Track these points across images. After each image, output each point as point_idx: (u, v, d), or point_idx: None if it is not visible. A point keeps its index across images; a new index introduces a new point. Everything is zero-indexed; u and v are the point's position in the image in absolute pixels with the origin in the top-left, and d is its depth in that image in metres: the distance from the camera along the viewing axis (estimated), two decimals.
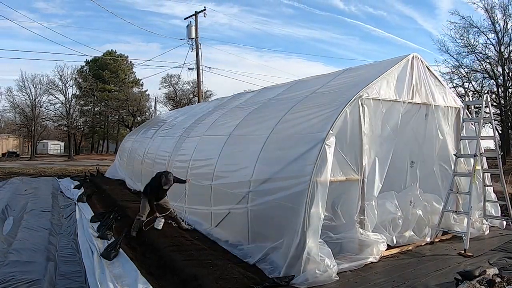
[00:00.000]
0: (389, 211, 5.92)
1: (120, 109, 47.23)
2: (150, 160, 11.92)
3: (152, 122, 17.88)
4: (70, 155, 41.99)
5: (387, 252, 5.63)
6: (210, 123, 9.26)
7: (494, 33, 23.82)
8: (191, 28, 23.59)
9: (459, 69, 25.21)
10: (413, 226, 6.17)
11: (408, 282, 4.67)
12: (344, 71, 7.34)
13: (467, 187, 6.34)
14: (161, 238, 6.30)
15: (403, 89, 6.14)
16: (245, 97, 10.24)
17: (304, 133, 5.57)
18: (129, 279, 4.82)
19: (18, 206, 9.67)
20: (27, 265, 5.13)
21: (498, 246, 6.13)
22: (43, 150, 56.90)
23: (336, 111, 5.34)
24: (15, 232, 7.05)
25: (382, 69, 6.15)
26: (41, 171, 22.28)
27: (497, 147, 6.93)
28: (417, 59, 6.39)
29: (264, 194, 5.50)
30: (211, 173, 7.18)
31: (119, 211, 8.24)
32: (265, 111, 7.46)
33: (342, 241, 5.36)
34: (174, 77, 46.23)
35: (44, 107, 42.07)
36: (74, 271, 5.27)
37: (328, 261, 4.68)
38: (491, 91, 24.18)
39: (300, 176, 4.97)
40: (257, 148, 6.14)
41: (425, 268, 5.15)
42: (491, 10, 23.45)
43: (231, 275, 4.66)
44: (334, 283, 4.60)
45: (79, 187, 12.65)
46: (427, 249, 6.02)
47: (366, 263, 5.19)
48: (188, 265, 5.07)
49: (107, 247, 5.73)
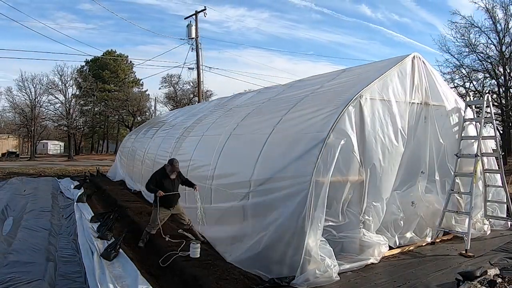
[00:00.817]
0: (391, 212, 5.90)
1: (120, 109, 47.19)
2: (150, 160, 11.90)
3: (152, 122, 17.88)
4: (70, 155, 41.94)
5: (388, 253, 5.63)
6: (210, 123, 9.25)
7: (495, 33, 23.78)
8: (191, 28, 23.47)
9: (460, 69, 25.17)
10: (414, 227, 6.15)
11: (409, 282, 4.66)
12: (344, 70, 7.32)
13: (468, 187, 6.32)
14: (161, 238, 6.28)
15: (404, 89, 6.12)
16: (245, 97, 10.23)
17: (304, 133, 5.55)
18: (129, 279, 4.81)
19: (17, 206, 9.65)
20: (27, 265, 5.11)
21: (499, 246, 6.12)
22: (43, 150, 56.85)
23: (337, 111, 5.31)
24: (14, 233, 7.03)
25: (383, 68, 6.13)
26: (41, 171, 22.26)
27: (498, 147, 6.92)
28: (418, 59, 6.37)
29: (265, 194, 5.48)
30: (211, 173, 7.16)
31: (119, 211, 8.23)
32: (265, 111, 7.44)
33: (343, 241, 5.35)
34: (174, 77, 46.30)
35: (44, 107, 42.04)
36: (74, 272, 5.25)
37: (328, 261, 4.67)
38: (492, 91, 24.09)
39: (301, 176, 4.95)
40: (257, 148, 6.11)
41: (426, 268, 5.15)
42: (492, 9, 23.43)
43: (232, 276, 4.66)
44: (335, 283, 4.59)
45: (79, 187, 12.64)
46: (428, 250, 6.01)
47: (367, 263, 5.18)
48: (188, 265, 5.06)
49: (107, 248, 5.71)
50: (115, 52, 51.59)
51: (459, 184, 6.60)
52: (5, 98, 49.96)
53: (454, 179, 6.40)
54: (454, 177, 6.41)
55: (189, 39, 23.64)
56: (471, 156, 6.43)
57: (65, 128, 44.27)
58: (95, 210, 9.06)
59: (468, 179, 6.36)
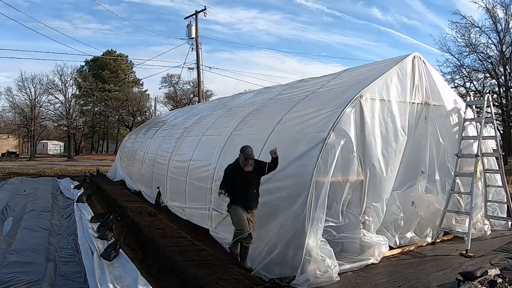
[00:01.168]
0: (391, 212, 5.89)
1: (120, 109, 47.19)
2: (150, 160, 11.91)
3: (152, 122, 17.87)
4: (69, 155, 41.93)
5: (389, 253, 5.62)
6: (210, 123, 9.25)
7: (496, 33, 23.69)
8: (191, 28, 23.40)
9: (460, 69, 25.10)
10: (414, 227, 6.14)
11: (410, 282, 4.65)
12: (345, 71, 7.32)
13: (469, 187, 6.31)
14: (162, 238, 6.28)
15: (404, 89, 6.11)
16: (246, 96, 10.22)
17: (304, 133, 5.54)
18: (129, 279, 4.80)
19: (17, 206, 9.63)
20: (27, 265, 5.09)
21: (499, 246, 6.10)
22: (43, 150, 56.80)
23: (337, 111, 5.31)
24: (14, 233, 7.02)
25: (383, 68, 6.12)
26: (40, 171, 22.24)
27: (498, 147, 6.91)
28: (418, 59, 6.36)
29: (265, 194, 5.46)
30: (211, 173, 7.15)
31: (119, 211, 8.21)
32: (265, 111, 7.44)
33: (344, 241, 5.34)
34: (174, 77, 46.29)
35: (43, 107, 42.04)
36: (74, 272, 5.23)
37: (329, 261, 4.66)
38: (492, 91, 23.92)
39: (301, 176, 4.95)
40: (257, 148, 6.10)
41: (426, 268, 5.13)
42: (492, 9, 23.36)
43: (232, 276, 4.64)
44: (335, 283, 4.58)
45: (79, 187, 12.61)
46: (429, 250, 6.00)
47: (367, 264, 5.17)
48: (188, 265, 5.04)
49: (107, 248, 5.70)
50: (115, 52, 51.57)
51: (459, 184, 6.59)
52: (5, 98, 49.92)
53: (454, 179, 6.39)
54: (455, 177, 6.39)
55: (189, 39, 23.59)
56: (472, 156, 6.42)
57: (65, 128, 44.26)
58: (95, 210, 9.05)
59: (468, 179, 6.35)
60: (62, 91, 42.17)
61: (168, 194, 9.61)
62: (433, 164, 6.65)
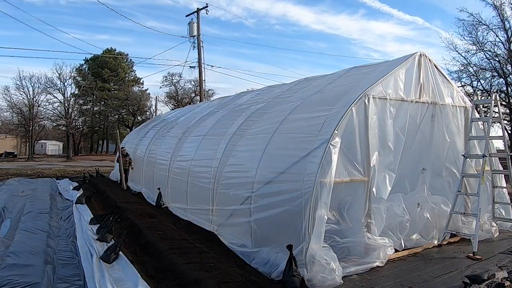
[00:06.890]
0: (396, 214, 5.80)
1: (120, 109, 47.15)
2: (151, 160, 11.82)
3: (153, 122, 17.76)
4: (68, 155, 41.79)
5: (394, 255, 5.53)
6: (212, 122, 9.15)
7: (504, 31, 23.30)
8: (192, 26, 23.18)
9: (467, 68, 24.81)
10: (420, 229, 6.05)
11: (415, 285, 4.57)
12: (350, 69, 7.21)
13: (476, 188, 6.21)
14: (162, 240, 6.19)
15: (410, 88, 6.03)
16: (248, 96, 10.12)
17: (308, 133, 5.45)
18: (129, 282, 4.72)
19: (15, 208, 9.54)
20: (25, 268, 5.02)
21: (507, 248, 6.02)
22: (41, 150, 56.63)
23: (341, 111, 5.22)
24: (12, 235, 6.93)
25: (388, 67, 6.04)
26: (39, 172, 22.12)
27: (506, 147, 6.80)
28: (424, 57, 6.28)
29: (267, 195, 5.39)
30: (213, 174, 7.06)
31: (119, 213, 8.11)
32: (268, 110, 7.33)
33: (348, 245, 5.25)
34: (175, 76, 46.14)
35: (42, 106, 41.92)
36: (73, 274, 5.16)
37: (333, 264, 4.58)
38: (500, 90, 23.63)
39: (304, 177, 4.86)
40: (260, 149, 6.02)
41: (433, 271, 5.06)
42: (500, 7, 23.03)
43: (234, 279, 4.57)
44: (340, 286, 4.49)
45: (78, 189, 12.51)
46: (435, 252, 5.92)
47: (373, 266, 5.08)
48: (189, 268, 4.96)
49: (107, 250, 5.61)
50: (114, 50, 51.50)
51: (465, 185, 6.50)
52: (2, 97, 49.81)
53: (461, 180, 6.29)
54: (461, 178, 6.30)
55: (191, 37, 23.38)
56: (479, 157, 6.31)
57: (64, 128, 44.20)
58: (95, 212, 8.94)
59: (475, 180, 6.26)
60: (61, 90, 42.07)
61: (169, 195, 9.52)
62: (439, 164, 6.57)
